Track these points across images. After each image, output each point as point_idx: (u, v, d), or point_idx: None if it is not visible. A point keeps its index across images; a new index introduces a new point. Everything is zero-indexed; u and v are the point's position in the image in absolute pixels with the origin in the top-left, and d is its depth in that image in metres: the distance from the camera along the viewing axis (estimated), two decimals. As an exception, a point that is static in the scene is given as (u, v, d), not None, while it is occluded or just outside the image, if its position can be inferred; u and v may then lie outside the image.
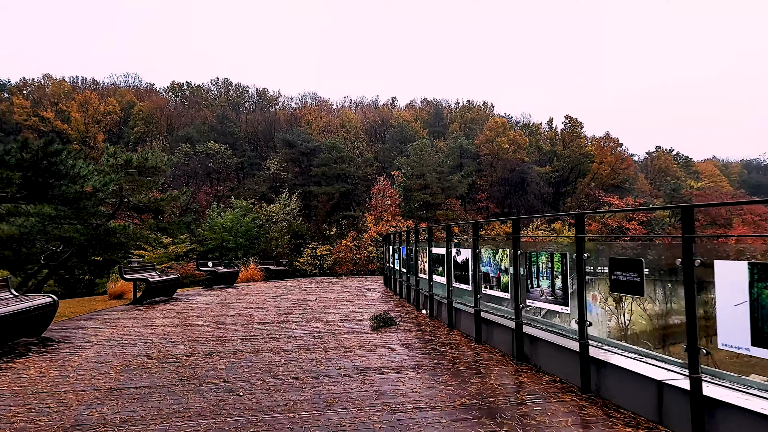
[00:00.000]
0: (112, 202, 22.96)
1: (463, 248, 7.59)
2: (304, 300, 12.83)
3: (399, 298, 13.02)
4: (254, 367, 5.96)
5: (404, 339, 7.56)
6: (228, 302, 12.53)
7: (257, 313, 10.49)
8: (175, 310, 11.14)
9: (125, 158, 21.86)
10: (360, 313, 10.20)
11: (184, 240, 33.26)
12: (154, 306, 11.96)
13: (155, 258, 29.99)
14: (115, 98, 57.20)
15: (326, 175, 47.75)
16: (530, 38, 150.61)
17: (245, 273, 20.83)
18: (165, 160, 23.11)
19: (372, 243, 39.78)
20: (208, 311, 10.84)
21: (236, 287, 17.45)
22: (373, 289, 15.89)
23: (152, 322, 9.49)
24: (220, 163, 49.71)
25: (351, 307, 11.26)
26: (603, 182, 48.08)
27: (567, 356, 5.07)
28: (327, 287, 17.10)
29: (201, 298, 13.58)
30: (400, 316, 9.80)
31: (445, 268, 8.34)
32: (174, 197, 23.41)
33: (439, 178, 44.74)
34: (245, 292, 15.59)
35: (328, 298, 13.13)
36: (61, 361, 6.38)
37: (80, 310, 12.40)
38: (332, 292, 14.98)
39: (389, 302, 12.24)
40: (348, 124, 55.33)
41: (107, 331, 8.59)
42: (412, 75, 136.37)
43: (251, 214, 39.94)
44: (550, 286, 5.19)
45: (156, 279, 12.62)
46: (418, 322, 9.13)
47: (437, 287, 9.13)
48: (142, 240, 23.23)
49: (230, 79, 67.43)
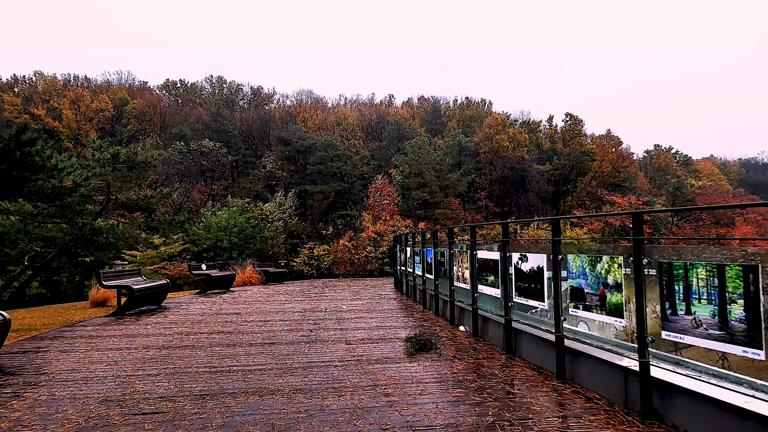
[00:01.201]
0: (99, 199, 21.02)
1: (533, 253, 5.74)
2: (312, 310, 10.93)
3: (422, 308, 11.13)
4: (263, 424, 4.08)
5: (454, 371, 5.70)
6: (224, 312, 10.62)
7: (259, 328, 8.58)
8: (161, 324, 9.21)
9: (112, 152, 19.82)
10: (384, 330, 8.33)
11: (177, 240, 31.24)
12: (138, 318, 10.01)
13: (148, 259, 27.99)
14: (108, 96, 54.82)
15: (322, 174, 45.81)
16: (529, 36, 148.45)
17: (242, 276, 18.90)
18: (156, 155, 21.13)
19: (370, 243, 37.92)
20: (200, 325, 8.92)
21: (232, 292, 15.52)
22: (386, 296, 14.02)
23: (132, 342, 7.56)
24: (215, 162, 47.58)
25: (369, 320, 9.37)
26: (604, 180, 46.56)
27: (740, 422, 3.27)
28: (334, 292, 15.21)
29: (193, 307, 11.65)
30: (433, 333, 7.95)
31: (500, 277, 6.50)
32: (165, 194, 21.39)
33: (438, 176, 42.95)
34: (243, 298, 13.66)
35: (339, 308, 11.25)
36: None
37: (54, 321, 10.44)
38: (341, 299, 13.09)
39: (411, 313, 10.39)
40: (344, 121, 53.37)
41: (73, 356, 6.64)
42: (409, 72, 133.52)
43: (246, 213, 37.98)
44: (716, 314, 3.36)
45: (141, 286, 10.67)
46: (459, 343, 7.26)
47: (484, 300, 7.28)
48: (132, 240, 21.34)
49: (224, 76, 65.30)
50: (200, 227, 36.01)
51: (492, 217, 45.31)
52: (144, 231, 21.23)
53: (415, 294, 12.00)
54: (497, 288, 6.66)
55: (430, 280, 10.12)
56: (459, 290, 8.20)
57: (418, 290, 11.70)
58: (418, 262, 11.15)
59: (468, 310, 7.89)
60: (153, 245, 25.30)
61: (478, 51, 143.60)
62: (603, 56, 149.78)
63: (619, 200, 42.06)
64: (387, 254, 37.72)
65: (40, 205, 16.94)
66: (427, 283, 10.40)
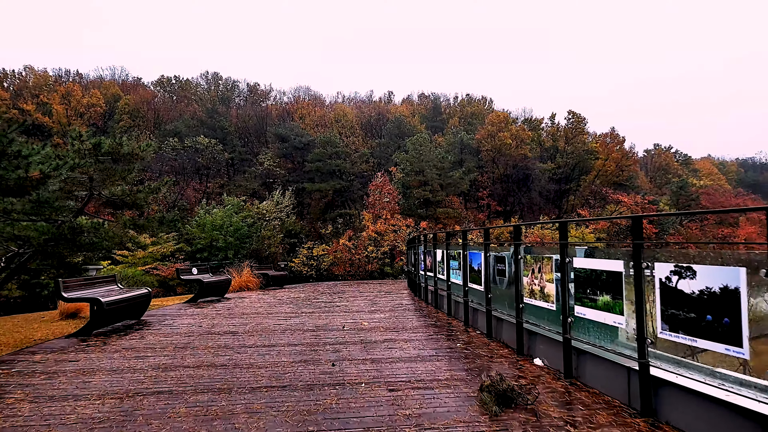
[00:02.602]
0: (81, 194, 18.68)
1: (703, 264, 3.53)
2: (326, 327, 8.64)
3: (463, 325, 8.82)
4: None
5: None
6: (217, 331, 8.30)
7: (262, 359, 6.28)
8: (135, 350, 6.90)
9: (94, 142, 17.44)
10: (431, 363, 6.01)
11: (169, 239, 28.81)
12: (107, 339, 7.69)
13: (139, 259, 25.56)
14: (100, 91, 52.02)
15: (321, 171, 43.45)
16: (529, 34, 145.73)
17: (238, 280, 16.55)
18: (144, 146, 18.74)
19: (371, 242, 35.65)
20: (184, 354, 6.61)
21: (228, 300, 13.18)
22: (407, 306, 11.70)
23: (86, 384, 5.24)
24: (210, 159, 45.03)
25: (404, 344, 7.08)
26: (608, 179, 44.59)
27: None
28: (345, 301, 12.89)
29: (180, 323, 9.31)
30: (497, 368, 5.72)
31: (623, 298, 4.29)
32: (154, 189, 18.97)
33: (440, 174, 40.73)
34: (240, 309, 11.33)
35: (358, 324, 8.95)
36: None
37: (8, 339, 8.14)
38: (357, 311, 10.78)
39: (452, 332, 8.13)
40: (343, 118, 50.97)
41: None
42: (408, 69, 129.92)
43: (243, 212, 35.60)
44: None
45: (112, 298, 8.33)
46: (550, 388, 5.04)
47: (583, 327, 5.04)
48: (117, 239, 18.99)
49: (220, 73, 62.61)
50: (194, 226, 33.60)
51: (494, 217, 43.20)
52: (131, 229, 18.93)
53: (449, 306, 9.71)
54: (617, 314, 4.43)
55: (477, 293, 7.85)
56: (531, 309, 5.96)
57: (453, 302, 9.43)
58: (456, 269, 8.88)
59: (547, 337, 5.66)
60: (141, 245, 22.92)
61: (478, 49, 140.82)
62: (601, 56, 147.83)
63: (625, 199, 40.12)
64: (388, 255, 35.55)
65: (6, 200, 14.59)
66: (473, 296, 8.13)
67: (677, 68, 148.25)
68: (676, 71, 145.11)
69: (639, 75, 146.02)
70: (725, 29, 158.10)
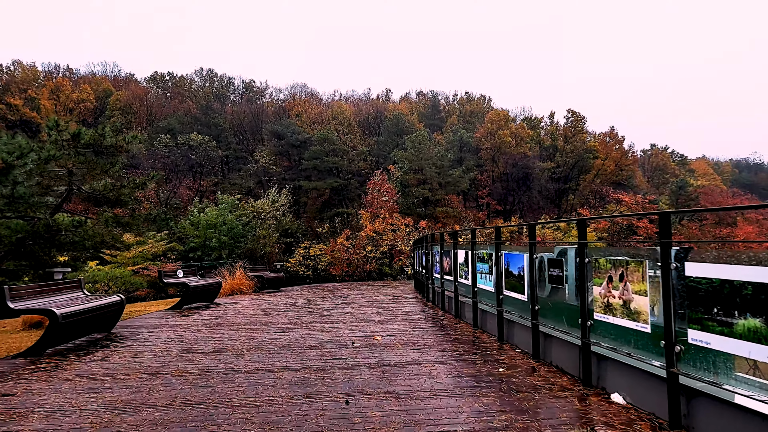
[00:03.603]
0: (61, 190, 17.03)
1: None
2: (333, 344, 7.09)
3: (496, 339, 7.36)
4: None
5: None
6: (199, 350, 6.73)
7: (254, 393, 4.72)
8: (91, 377, 5.32)
9: (72, 132, 15.82)
10: (473, 399, 4.51)
11: (160, 239, 27.11)
12: (60, 362, 6.09)
13: (129, 258, 23.87)
14: (91, 86, 50.07)
15: (317, 169, 41.86)
16: (525, 33, 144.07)
17: (230, 282, 14.94)
18: (129, 138, 17.12)
19: (369, 242, 34.12)
20: (153, 386, 5.03)
21: (217, 306, 11.60)
22: (419, 312, 10.20)
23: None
24: (204, 156, 43.28)
25: (435, 371, 5.49)
26: (607, 179, 43.33)
27: None
28: (349, 307, 11.34)
29: (157, 337, 7.72)
30: (566, 405, 4.24)
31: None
32: (139, 184, 17.36)
33: (439, 172, 39.28)
34: (230, 318, 9.74)
35: (370, 339, 7.42)
36: None
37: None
38: (365, 320, 9.20)
39: (485, 351, 6.63)
40: (340, 115, 49.33)
41: None
42: (405, 67, 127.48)
43: (237, 211, 33.96)
44: None
45: (69, 311, 6.74)
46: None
47: (702, 360, 3.53)
48: (98, 238, 17.36)
49: (215, 69, 60.75)
50: (186, 224, 31.92)
51: (494, 216, 41.79)
52: (114, 227, 17.28)
53: (475, 316, 8.17)
54: (764, 344, 2.95)
55: (517, 303, 6.30)
56: (606, 328, 4.46)
57: (480, 312, 7.89)
58: (485, 272, 7.35)
59: (633, 367, 4.16)
60: (125, 245, 21.23)
61: (476, 47, 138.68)
62: (599, 56, 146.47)
63: (625, 198, 38.87)
64: (387, 254, 34.04)
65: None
66: (509, 306, 6.59)
67: (676, 68, 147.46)
68: (675, 71, 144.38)
69: (637, 75, 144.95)
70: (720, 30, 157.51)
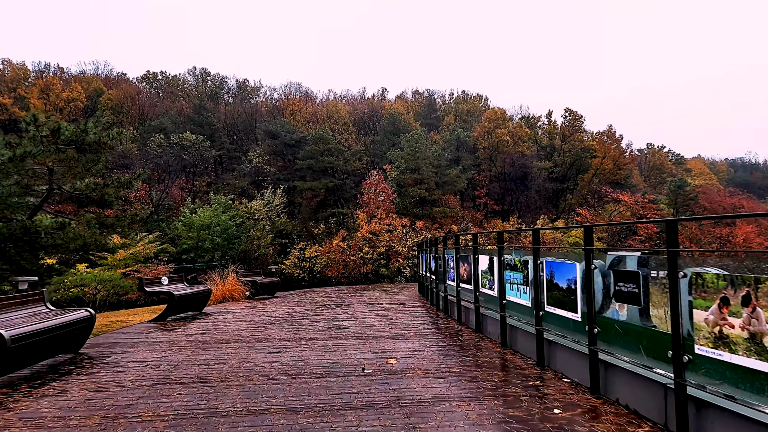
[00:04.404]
0: (42, 189, 15.73)
1: None
2: (338, 369, 5.87)
3: (534, 364, 6.20)
4: None
5: None
6: (179, 379, 5.49)
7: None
8: (39, 423, 4.13)
9: (51, 127, 14.47)
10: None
11: (152, 240, 25.76)
12: (6, 398, 4.87)
13: (120, 261, 22.49)
14: (82, 85, 48.45)
15: (312, 169, 40.56)
16: (523, 29, 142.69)
17: (221, 289, 13.67)
18: (114, 134, 15.76)
19: (365, 243, 32.88)
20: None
21: (206, 317, 10.33)
22: (433, 326, 9.04)
23: None
24: (197, 156, 41.84)
25: (471, 412, 4.32)
26: (606, 178, 42.40)
27: None
28: (353, 318, 10.07)
29: (131, 361, 6.45)
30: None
31: None
32: (124, 183, 16.06)
33: (436, 172, 38.11)
34: (219, 333, 8.47)
35: (383, 362, 6.22)
36: None
37: None
38: (372, 335, 7.95)
39: (520, 379, 5.50)
40: (335, 114, 48.03)
41: None
42: (401, 66, 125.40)
43: (231, 211, 32.63)
44: None
45: (21, 332, 5.48)
46: None
47: None
48: (80, 241, 16.05)
49: (208, 69, 59.23)
50: (179, 226, 30.56)
51: (491, 217, 40.71)
52: (95, 229, 15.97)
53: (503, 333, 7.00)
54: None
55: (565, 322, 5.14)
56: (719, 369, 3.30)
57: (509, 328, 6.66)
58: (517, 283, 6.16)
59: (764, 423, 3.02)
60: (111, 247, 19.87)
61: (472, 46, 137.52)
62: (598, 56, 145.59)
63: (625, 198, 37.94)
64: (384, 256, 32.86)
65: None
66: (553, 325, 5.41)
67: (674, 68, 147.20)
68: (672, 72, 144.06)
69: (635, 74, 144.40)
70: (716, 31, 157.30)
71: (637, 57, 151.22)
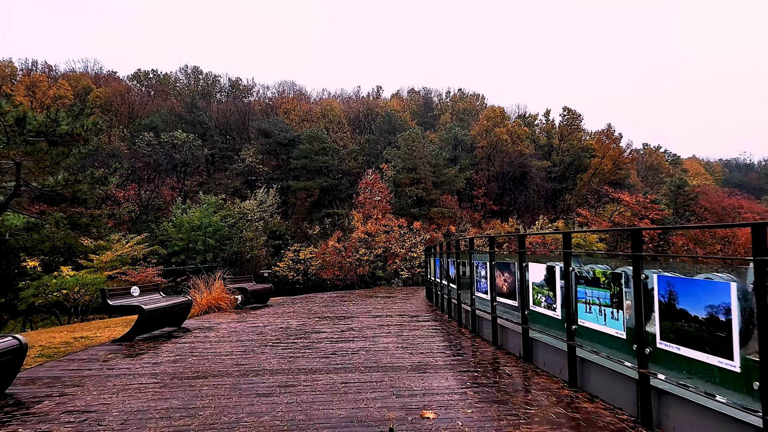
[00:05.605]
0: (9, 186, 13.80)
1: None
2: (352, 427, 4.20)
3: (612, 412, 4.49)
4: None
5: None
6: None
7: None
8: None
9: (16, 115, 12.52)
10: None
11: (138, 241, 23.78)
12: None
13: (106, 263, 20.50)
14: (70, 83, 46.21)
15: (307, 169, 38.75)
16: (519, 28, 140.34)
17: (206, 297, 11.81)
18: (89, 124, 13.80)
19: (362, 244, 31.10)
20: None
21: (184, 335, 8.52)
22: (457, 348, 7.33)
23: None
24: (188, 155, 39.84)
25: None
26: (605, 178, 40.98)
27: None
28: (362, 339, 8.32)
29: (64, 411, 4.68)
30: None
31: None
32: (99, 178, 14.13)
33: (434, 171, 36.45)
34: (196, 361, 6.69)
35: (414, 413, 4.52)
36: None
37: None
38: (392, 365, 6.19)
39: None
40: (330, 113, 46.18)
41: None
42: (396, 65, 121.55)
43: (222, 212, 30.74)
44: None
45: None
46: None
47: None
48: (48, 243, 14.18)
49: (200, 67, 57.12)
50: (169, 226, 28.65)
51: (490, 217, 39.10)
52: (66, 229, 14.06)
53: (572, 369, 5.30)
54: None
55: (696, 367, 3.40)
56: None
57: (580, 362, 4.87)
58: (601, 304, 4.38)
59: None
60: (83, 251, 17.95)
61: (469, 45, 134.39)
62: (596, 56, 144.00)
63: (626, 198, 36.51)
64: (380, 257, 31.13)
65: None
66: (673, 370, 3.65)
67: (672, 68, 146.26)
68: (670, 71, 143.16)
69: (633, 74, 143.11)
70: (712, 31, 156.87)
71: (636, 57, 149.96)
